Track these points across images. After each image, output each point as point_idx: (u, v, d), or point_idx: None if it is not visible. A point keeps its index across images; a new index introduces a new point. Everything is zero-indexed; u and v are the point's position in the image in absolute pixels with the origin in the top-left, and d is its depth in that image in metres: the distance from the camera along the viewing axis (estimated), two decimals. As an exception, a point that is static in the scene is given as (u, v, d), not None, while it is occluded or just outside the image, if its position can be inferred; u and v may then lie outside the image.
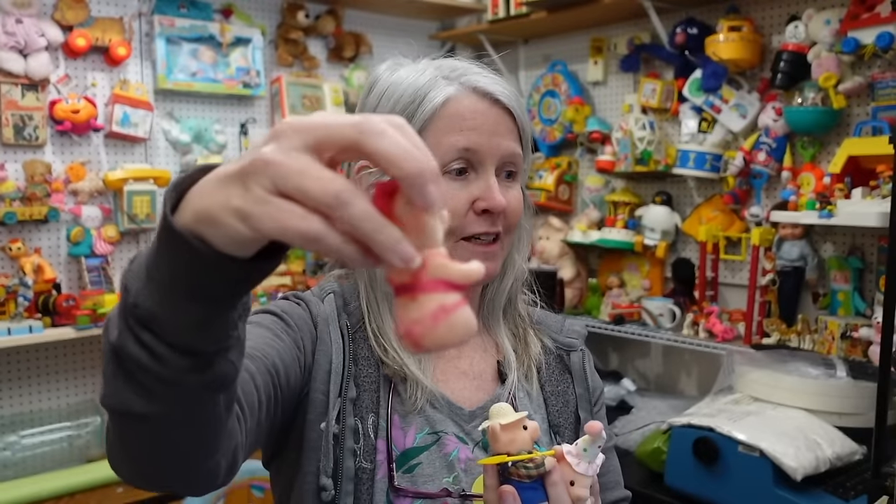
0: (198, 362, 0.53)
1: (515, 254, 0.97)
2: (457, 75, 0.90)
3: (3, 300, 2.11)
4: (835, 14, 2.02)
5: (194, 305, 0.51)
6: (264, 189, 0.45)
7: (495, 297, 0.98)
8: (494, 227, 0.88)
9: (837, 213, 1.85)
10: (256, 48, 2.65)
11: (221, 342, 0.54)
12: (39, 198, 2.23)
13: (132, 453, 0.61)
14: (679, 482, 1.83)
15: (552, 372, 0.99)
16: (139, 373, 0.53)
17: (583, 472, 0.72)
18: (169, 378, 0.53)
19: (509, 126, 0.90)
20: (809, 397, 1.79)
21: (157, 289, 0.51)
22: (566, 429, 0.96)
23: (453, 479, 0.87)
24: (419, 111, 0.88)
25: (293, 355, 0.84)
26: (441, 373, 0.93)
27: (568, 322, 1.05)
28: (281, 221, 0.44)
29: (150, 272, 0.52)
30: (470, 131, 0.87)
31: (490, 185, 0.87)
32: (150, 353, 0.52)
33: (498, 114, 0.89)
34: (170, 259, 0.50)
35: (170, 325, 0.52)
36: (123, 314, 0.53)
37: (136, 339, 0.52)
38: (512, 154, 0.89)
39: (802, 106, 2.07)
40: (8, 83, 2.19)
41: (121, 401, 0.55)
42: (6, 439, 2.19)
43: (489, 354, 0.97)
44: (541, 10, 2.60)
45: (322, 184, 0.44)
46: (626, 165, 2.44)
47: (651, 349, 2.65)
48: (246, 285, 0.52)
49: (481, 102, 0.89)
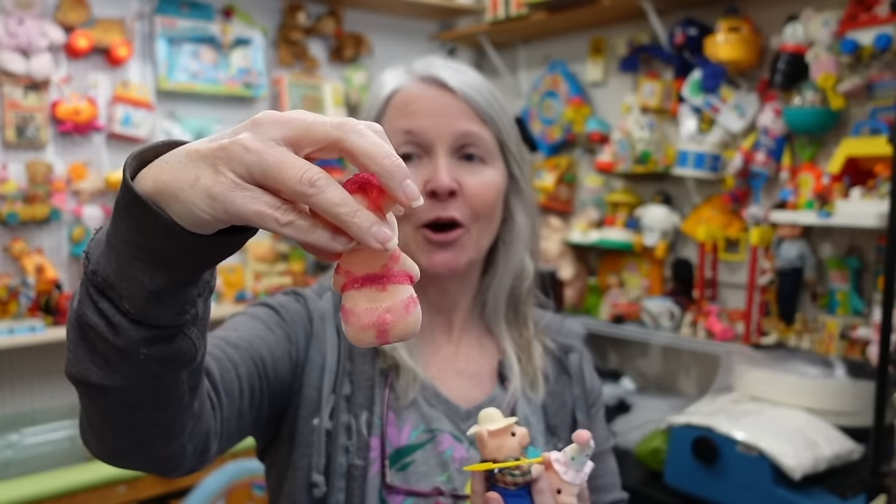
0: (154, 335, 0.53)
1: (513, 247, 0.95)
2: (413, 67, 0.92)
3: (5, 300, 2.11)
4: (833, 15, 2.03)
5: (150, 275, 0.50)
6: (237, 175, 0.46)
7: (494, 294, 0.96)
8: (446, 211, 0.86)
9: (836, 213, 1.86)
10: (257, 49, 2.66)
11: (178, 317, 0.53)
12: (41, 198, 2.24)
13: (94, 427, 0.62)
14: (678, 481, 1.83)
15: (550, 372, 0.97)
16: (98, 342, 0.53)
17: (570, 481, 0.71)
18: (124, 348, 0.53)
19: (461, 108, 0.89)
20: (808, 397, 1.80)
21: (115, 256, 0.51)
22: (563, 430, 0.95)
23: (447, 477, 0.86)
24: (375, 103, 0.92)
25: (284, 348, 0.85)
26: (437, 370, 0.93)
27: (567, 322, 1.04)
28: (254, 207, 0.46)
29: (110, 239, 0.52)
30: (413, 115, 0.88)
31: (437, 166, 0.86)
32: (107, 322, 0.52)
33: (446, 96, 0.89)
34: (127, 226, 0.50)
35: (126, 293, 0.51)
36: (84, 282, 0.53)
37: (94, 306, 0.53)
38: (465, 133, 0.88)
39: (801, 106, 2.07)
40: (10, 84, 2.20)
41: (81, 370, 0.56)
42: (8, 438, 2.20)
43: (487, 353, 0.96)
44: (541, 11, 2.61)
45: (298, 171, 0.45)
46: (626, 166, 2.44)
47: (650, 349, 2.66)
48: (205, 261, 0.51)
49: (429, 89, 0.89)
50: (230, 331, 0.83)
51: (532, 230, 0.98)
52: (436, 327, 0.95)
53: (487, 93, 0.92)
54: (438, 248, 0.88)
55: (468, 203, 0.88)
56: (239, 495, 1.97)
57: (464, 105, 0.89)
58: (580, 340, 1.02)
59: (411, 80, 0.91)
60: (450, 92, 0.89)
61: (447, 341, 0.95)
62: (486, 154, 0.90)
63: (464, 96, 0.89)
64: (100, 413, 0.60)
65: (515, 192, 0.95)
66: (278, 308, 0.89)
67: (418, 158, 0.88)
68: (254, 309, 0.89)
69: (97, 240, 0.54)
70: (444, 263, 0.88)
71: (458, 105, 0.89)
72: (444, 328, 0.96)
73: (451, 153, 0.88)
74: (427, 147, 0.87)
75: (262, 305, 0.89)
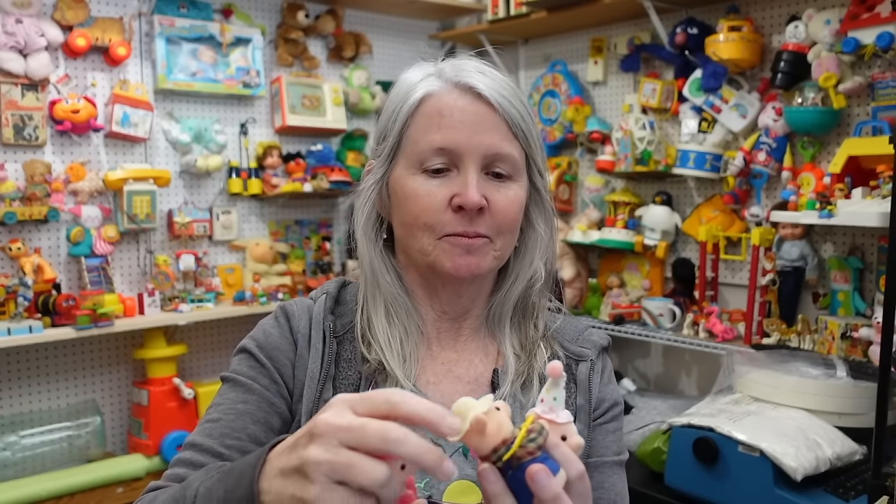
0: None
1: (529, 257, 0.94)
2: (445, 72, 0.89)
3: (3, 300, 2.11)
4: (835, 14, 2.02)
5: None
6: (327, 478, 0.55)
7: (504, 303, 0.95)
8: (473, 226, 0.85)
9: (837, 213, 1.85)
10: (256, 48, 2.65)
11: None
12: (39, 198, 2.23)
13: None
14: (679, 482, 1.83)
15: None
16: None
17: (565, 421, 0.66)
18: None
19: (495, 123, 0.87)
20: (809, 397, 1.79)
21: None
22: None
23: (424, 484, 0.85)
24: (403, 108, 0.89)
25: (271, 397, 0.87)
26: (433, 375, 0.92)
27: (588, 331, 1.00)
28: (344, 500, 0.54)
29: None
30: (448, 129, 0.85)
31: (467, 182, 0.85)
32: None
33: (480, 109, 0.86)
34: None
35: None
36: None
37: None
38: (497, 153, 0.86)
39: (802, 106, 2.07)
40: (8, 83, 2.19)
41: None
42: (6, 439, 2.19)
43: (489, 360, 0.95)
44: (541, 10, 2.60)
45: (369, 470, 0.54)
46: (626, 165, 2.44)
47: (651, 349, 2.65)
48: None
49: (462, 98, 0.87)
50: (220, 425, 0.85)
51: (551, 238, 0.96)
52: (443, 333, 0.94)
53: (520, 104, 0.89)
54: (464, 251, 0.87)
55: (494, 219, 0.87)
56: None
57: (498, 119, 0.87)
58: (596, 351, 0.98)
59: (444, 87, 0.88)
60: (485, 104, 0.86)
61: (452, 347, 0.94)
62: (514, 171, 0.88)
63: (499, 109, 0.87)
64: None
65: (537, 202, 0.94)
66: (255, 353, 0.89)
67: (447, 171, 0.86)
68: (232, 371, 0.90)
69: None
70: (467, 266, 0.87)
71: (493, 119, 0.86)
72: (451, 334, 0.95)
73: (480, 169, 0.86)
74: (458, 161, 0.86)
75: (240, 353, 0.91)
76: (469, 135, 0.85)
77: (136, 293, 2.45)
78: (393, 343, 0.89)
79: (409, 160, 0.88)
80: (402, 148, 0.89)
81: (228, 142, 2.65)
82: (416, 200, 0.86)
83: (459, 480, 0.86)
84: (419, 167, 0.87)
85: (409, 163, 0.88)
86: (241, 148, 2.70)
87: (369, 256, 0.93)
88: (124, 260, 2.47)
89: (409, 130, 0.88)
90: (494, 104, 0.86)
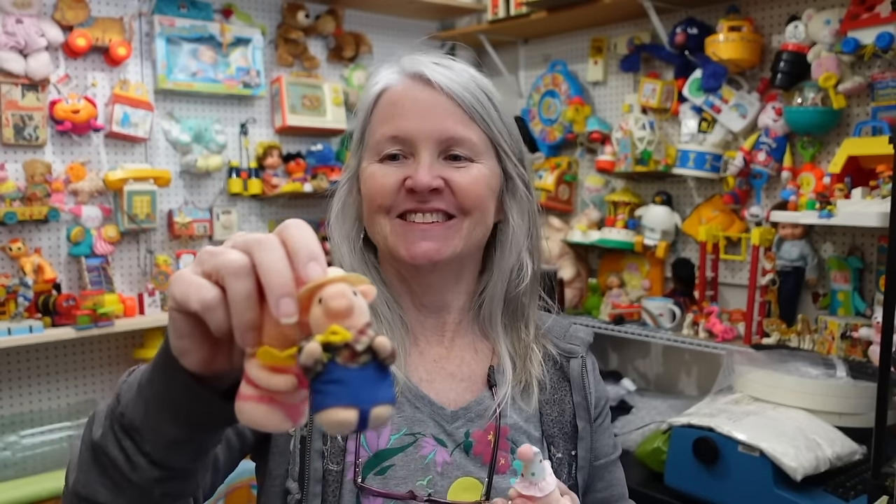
0: (168, 475, 0.60)
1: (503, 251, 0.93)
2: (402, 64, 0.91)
3: (3, 300, 2.11)
4: (835, 14, 2.02)
5: (171, 426, 0.57)
6: (191, 272, 0.52)
7: (490, 300, 0.94)
8: (424, 203, 0.86)
9: (837, 213, 1.85)
10: (256, 48, 2.65)
11: (192, 462, 0.61)
12: (39, 198, 2.23)
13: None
14: (679, 482, 1.83)
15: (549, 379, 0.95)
16: (112, 470, 0.60)
17: (547, 493, 0.68)
18: (138, 482, 0.60)
19: (448, 108, 0.87)
20: (809, 397, 1.79)
21: (144, 404, 0.58)
22: (560, 439, 0.93)
23: (427, 481, 0.85)
24: (365, 102, 0.92)
25: None
26: (426, 373, 0.91)
27: (573, 328, 1.01)
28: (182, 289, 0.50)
29: (141, 388, 0.59)
30: (401, 118, 0.87)
31: (419, 165, 0.86)
32: (126, 458, 0.60)
33: (432, 95, 0.87)
34: (157, 378, 0.57)
35: (149, 438, 0.58)
36: (110, 418, 0.61)
37: (117, 442, 0.60)
38: (451, 136, 0.87)
39: (802, 106, 2.07)
40: (8, 83, 2.19)
41: (90, 491, 0.62)
42: (6, 439, 2.19)
43: (481, 357, 0.95)
44: (541, 10, 2.60)
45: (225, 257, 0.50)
46: (626, 165, 2.44)
47: (651, 349, 2.65)
48: (223, 420, 0.56)
49: (415, 87, 0.88)
50: None
51: (529, 230, 0.95)
52: (427, 328, 0.94)
53: (477, 89, 0.89)
54: (419, 237, 0.86)
55: (456, 198, 0.87)
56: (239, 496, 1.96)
57: (450, 104, 0.87)
58: (585, 347, 0.99)
59: (400, 79, 0.90)
60: (436, 90, 0.87)
61: (439, 342, 0.94)
62: (474, 154, 0.88)
63: (450, 94, 0.87)
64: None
65: (511, 191, 0.93)
66: None
67: (403, 158, 0.87)
68: None
69: (129, 383, 0.62)
70: (424, 253, 0.86)
71: (444, 105, 0.87)
72: (436, 329, 0.94)
73: (436, 153, 0.87)
74: (412, 148, 0.87)
75: None
76: (421, 122, 0.86)
77: (137, 293, 2.45)
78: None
79: (370, 152, 0.90)
80: (366, 142, 0.92)
81: (228, 142, 2.65)
82: (372, 184, 0.88)
83: (463, 478, 0.87)
84: (376, 156, 0.89)
85: (370, 154, 0.90)
86: (241, 148, 2.70)
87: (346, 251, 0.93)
88: (124, 260, 2.47)
89: (371, 125, 0.90)
90: (445, 90, 0.87)
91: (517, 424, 0.91)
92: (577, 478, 0.93)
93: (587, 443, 0.94)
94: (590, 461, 0.95)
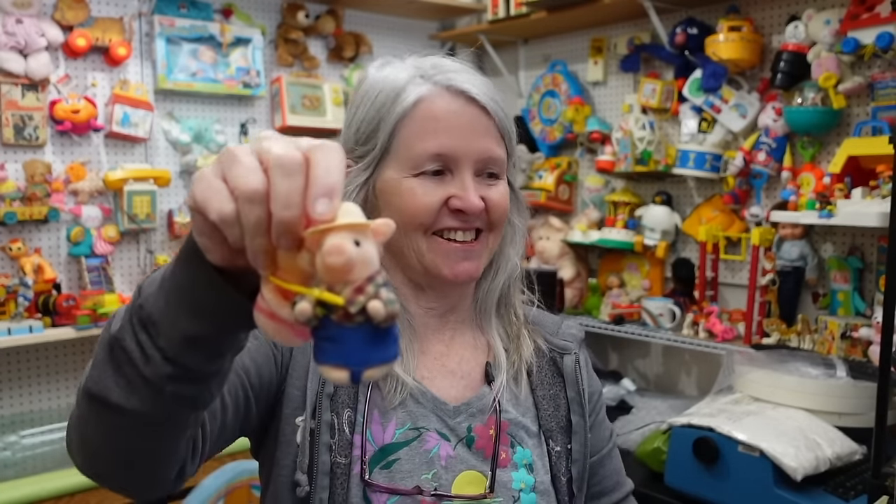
0: (180, 374, 0.59)
1: (509, 250, 0.96)
2: (433, 73, 0.89)
3: (3, 300, 2.11)
4: (835, 14, 2.02)
5: (190, 320, 0.56)
6: (214, 174, 0.50)
7: (487, 294, 0.97)
8: (468, 223, 0.88)
9: (837, 213, 1.85)
10: (256, 48, 2.65)
11: (205, 364, 0.59)
12: (39, 198, 2.23)
13: (87, 441, 0.67)
14: (679, 482, 1.83)
15: (544, 375, 0.98)
16: (127, 366, 0.59)
17: None
18: (151, 378, 0.58)
19: (486, 126, 0.88)
20: (809, 397, 1.79)
21: (164, 297, 0.58)
22: (557, 433, 0.95)
23: (432, 475, 0.86)
24: (393, 110, 0.88)
25: (267, 353, 0.85)
26: (427, 370, 0.92)
27: (565, 324, 1.04)
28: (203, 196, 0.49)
29: (164, 281, 0.58)
30: (444, 134, 0.86)
31: (465, 186, 0.86)
32: (141, 351, 0.58)
33: (473, 113, 0.88)
34: (180, 271, 0.56)
35: (166, 331, 0.57)
36: (129, 311, 0.60)
37: (134, 335, 0.59)
38: (490, 157, 0.88)
39: (802, 106, 2.07)
40: (8, 83, 2.19)
41: (103, 387, 0.61)
42: (6, 439, 2.19)
43: (479, 353, 0.96)
44: (541, 10, 2.60)
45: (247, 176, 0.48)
46: (626, 165, 2.44)
47: (651, 349, 2.65)
48: (242, 321, 0.55)
49: (455, 101, 0.87)
50: None
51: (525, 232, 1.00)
52: (430, 328, 0.95)
53: (504, 105, 0.92)
54: (462, 257, 0.88)
55: (490, 215, 0.89)
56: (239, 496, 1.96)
57: (489, 122, 0.89)
58: (577, 343, 1.02)
59: (435, 90, 0.88)
60: (477, 107, 0.88)
61: (439, 340, 0.95)
62: (501, 170, 0.91)
63: (491, 113, 0.89)
64: (104, 431, 0.64)
65: (512, 197, 0.96)
66: None
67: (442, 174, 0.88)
68: None
69: (153, 278, 0.61)
70: (466, 272, 0.89)
71: (485, 123, 0.88)
72: (437, 329, 0.96)
73: (473, 171, 0.88)
74: (453, 165, 0.87)
75: None
76: (463, 140, 0.87)
77: (137, 293, 2.45)
78: None
79: (402, 164, 0.88)
80: (393, 151, 0.89)
81: (228, 142, 2.65)
82: (412, 200, 0.87)
83: (467, 471, 0.88)
84: (413, 171, 0.87)
85: (402, 166, 0.88)
86: (241, 148, 2.70)
87: None
88: (124, 260, 2.47)
89: (402, 134, 0.87)
90: (488, 108, 0.88)
91: (516, 419, 0.93)
92: (571, 471, 0.95)
93: (581, 437, 0.96)
94: (586, 455, 0.97)
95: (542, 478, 0.92)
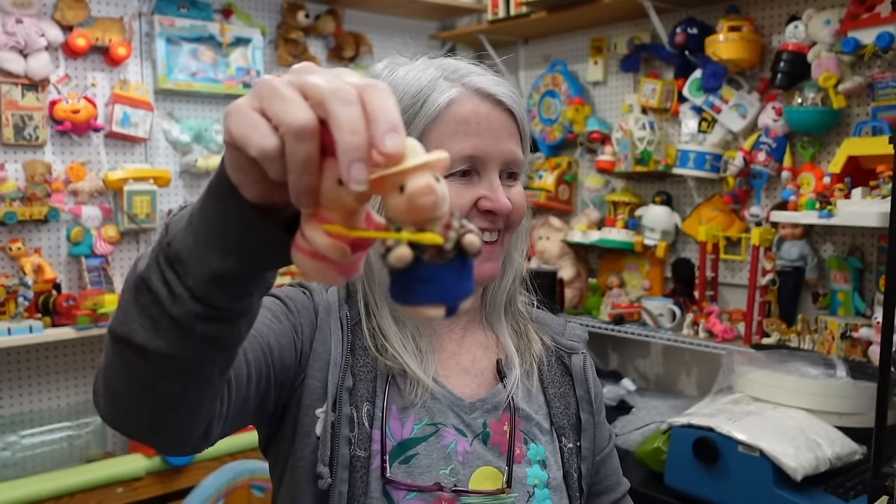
0: (208, 313, 0.57)
1: (514, 251, 0.98)
2: (458, 76, 0.90)
3: (3, 300, 2.11)
4: (835, 14, 2.02)
5: (219, 257, 0.54)
6: (251, 107, 0.47)
7: (496, 294, 0.98)
8: (496, 224, 0.89)
9: (837, 213, 1.85)
10: (256, 48, 2.65)
11: (233, 303, 0.58)
12: (39, 198, 2.23)
13: (113, 389, 0.64)
14: (679, 482, 1.83)
15: (553, 374, 0.99)
16: (153, 307, 0.57)
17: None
18: (178, 317, 0.57)
19: (511, 129, 0.90)
20: (809, 397, 1.79)
21: (193, 234, 0.55)
22: (569, 430, 0.97)
23: (450, 470, 0.87)
24: (422, 112, 0.88)
25: (290, 338, 0.86)
26: (442, 368, 0.93)
27: (570, 325, 1.06)
28: (243, 130, 0.46)
29: (192, 218, 0.56)
30: (475, 136, 0.87)
31: (494, 187, 0.88)
32: (168, 290, 0.56)
33: (501, 116, 0.89)
34: (213, 208, 0.54)
35: (193, 270, 0.55)
36: (156, 250, 0.58)
37: (160, 274, 0.57)
38: (514, 159, 0.90)
39: (802, 106, 2.07)
40: (8, 83, 2.19)
41: (128, 329, 0.59)
42: (6, 439, 2.19)
43: (491, 352, 0.98)
44: (541, 10, 2.60)
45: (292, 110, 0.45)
46: (626, 165, 2.44)
47: (651, 349, 2.65)
48: (272, 257, 0.54)
49: (484, 105, 0.89)
50: None
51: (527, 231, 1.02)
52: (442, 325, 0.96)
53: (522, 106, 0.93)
54: (484, 257, 0.89)
55: (511, 216, 0.90)
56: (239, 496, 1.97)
57: (514, 126, 0.91)
58: (583, 344, 1.04)
59: (465, 92, 0.89)
60: (504, 111, 0.90)
61: (451, 339, 0.96)
62: (520, 171, 0.93)
63: (517, 116, 0.91)
64: (129, 375, 0.62)
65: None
66: (285, 299, 0.89)
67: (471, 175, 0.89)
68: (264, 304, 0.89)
69: (180, 215, 0.58)
70: (490, 272, 0.90)
71: (511, 126, 0.90)
72: (448, 328, 0.97)
73: (500, 173, 0.90)
74: (481, 166, 0.89)
75: (268, 295, 0.89)
76: (493, 142, 0.88)
77: (137, 293, 2.45)
78: (407, 344, 0.90)
79: None
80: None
81: (228, 142, 2.65)
82: None
83: (484, 467, 0.89)
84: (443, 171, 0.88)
85: None
86: (241, 148, 2.70)
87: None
88: (124, 260, 2.47)
89: (431, 136, 0.88)
90: (513, 111, 0.90)
91: (529, 416, 0.94)
92: (580, 468, 0.97)
93: (590, 434, 0.98)
94: (594, 453, 1.00)
95: (554, 474, 0.93)
